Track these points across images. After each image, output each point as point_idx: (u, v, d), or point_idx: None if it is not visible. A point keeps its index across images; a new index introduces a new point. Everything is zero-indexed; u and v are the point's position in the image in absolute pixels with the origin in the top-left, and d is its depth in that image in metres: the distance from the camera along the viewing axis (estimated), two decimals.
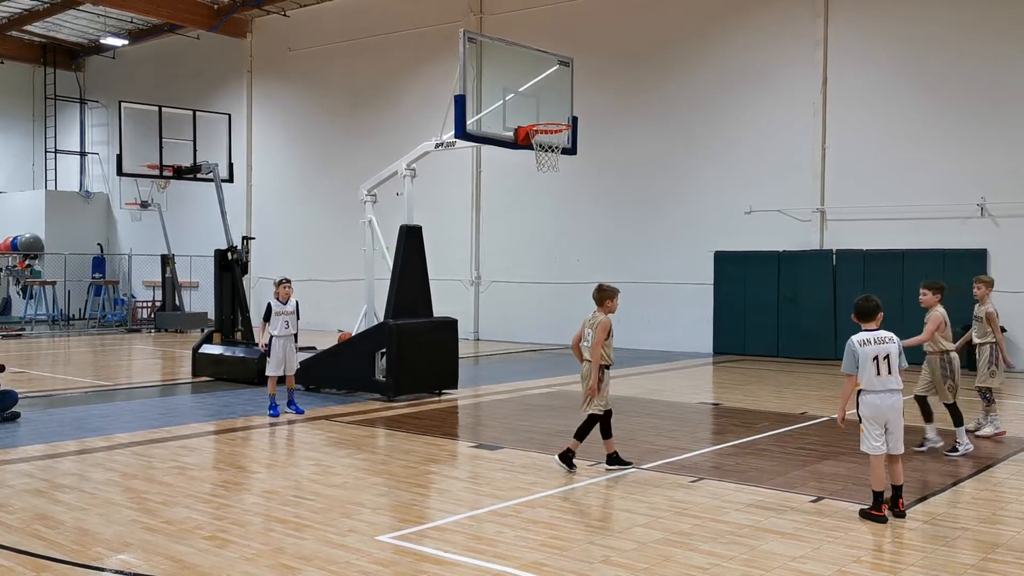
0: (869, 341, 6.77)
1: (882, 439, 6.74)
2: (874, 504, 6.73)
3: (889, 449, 6.75)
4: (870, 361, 6.70)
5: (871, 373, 6.70)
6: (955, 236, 17.77)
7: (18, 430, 10.45)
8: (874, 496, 6.75)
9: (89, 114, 35.30)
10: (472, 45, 12.45)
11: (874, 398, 6.73)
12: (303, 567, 5.63)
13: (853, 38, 19.09)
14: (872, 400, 6.74)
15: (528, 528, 6.49)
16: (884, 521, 6.63)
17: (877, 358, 6.69)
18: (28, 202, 33.63)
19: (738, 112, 20.44)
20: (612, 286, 8.27)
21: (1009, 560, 5.85)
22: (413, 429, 10.66)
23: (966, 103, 17.79)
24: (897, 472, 6.81)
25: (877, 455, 6.75)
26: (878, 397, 6.72)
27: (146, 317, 29.29)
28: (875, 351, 6.71)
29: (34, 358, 19.71)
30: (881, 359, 6.69)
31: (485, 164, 24.23)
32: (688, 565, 5.69)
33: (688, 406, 12.70)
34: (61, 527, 6.47)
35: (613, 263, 21.90)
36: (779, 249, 19.70)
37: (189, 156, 17.50)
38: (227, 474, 8.35)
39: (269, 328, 11.49)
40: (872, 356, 6.70)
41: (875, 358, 6.70)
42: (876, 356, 6.70)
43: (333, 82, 27.72)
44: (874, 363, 6.70)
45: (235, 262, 16.15)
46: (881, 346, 6.73)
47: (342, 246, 25.70)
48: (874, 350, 6.72)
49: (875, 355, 6.70)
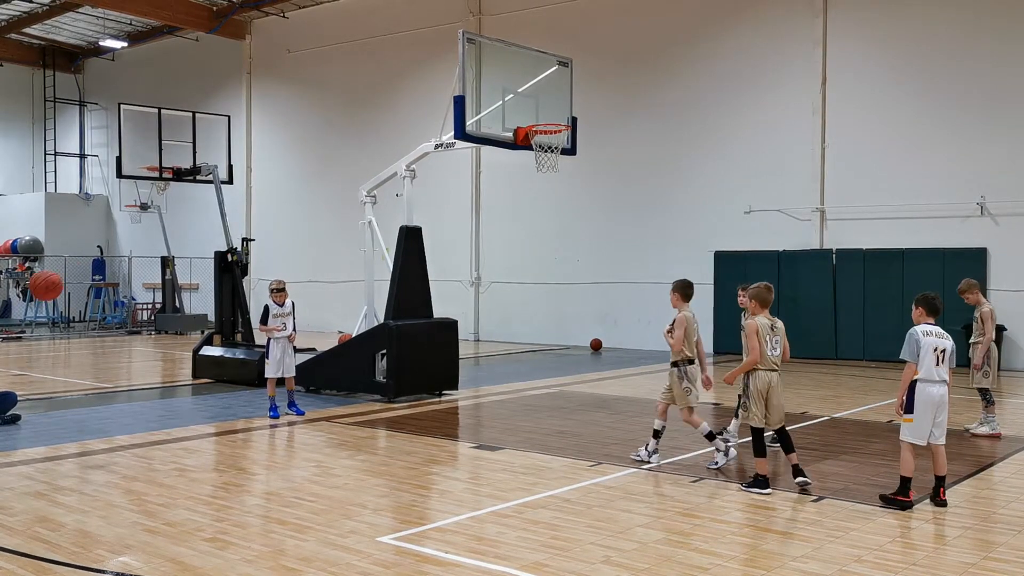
0: (931, 333, 7.11)
1: (929, 428, 7.01)
2: (900, 490, 6.99)
3: (934, 439, 7.02)
4: (931, 351, 7.02)
5: (931, 363, 7.01)
6: (955, 235, 17.76)
7: (19, 432, 10.44)
8: (902, 481, 7.00)
9: (88, 116, 35.31)
10: (471, 46, 12.45)
11: (931, 388, 7.00)
12: (304, 568, 5.63)
13: (852, 37, 19.10)
14: (929, 389, 7.01)
15: (529, 529, 6.49)
16: (909, 507, 6.89)
17: (936, 349, 7.03)
18: (28, 204, 33.63)
19: (737, 112, 20.44)
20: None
21: (1010, 559, 5.85)
22: (414, 430, 10.66)
23: (966, 101, 17.79)
24: (940, 463, 7.08)
25: (914, 443, 7.01)
26: (935, 387, 7.00)
27: (146, 319, 29.32)
28: (936, 343, 7.04)
29: (34, 361, 19.71)
30: (939, 351, 7.03)
31: (485, 165, 24.23)
32: (689, 565, 5.69)
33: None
34: (62, 529, 6.47)
35: (613, 263, 21.91)
36: (779, 249, 19.70)
37: (188, 158, 17.49)
38: (228, 476, 8.35)
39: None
40: (933, 347, 7.03)
41: (935, 349, 7.03)
42: (936, 348, 7.03)
43: (332, 83, 27.73)
44: (934, 353, 7.03)
45: (235, 264, 16.15)
46: (941, 339, 7.08)
47: (342, 247, 25.70)
48: (935, 342, 7.05)
49: (935, 347, 7.03)
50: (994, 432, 10.07)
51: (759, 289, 7.68)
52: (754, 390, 7.50)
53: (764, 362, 7.51)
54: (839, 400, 13.21)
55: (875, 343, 18.23)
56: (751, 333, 7.50)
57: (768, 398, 7.51)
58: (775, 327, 7.60)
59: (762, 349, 7.47)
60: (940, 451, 7.08)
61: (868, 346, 18.35)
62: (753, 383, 7.52)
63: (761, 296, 7.61)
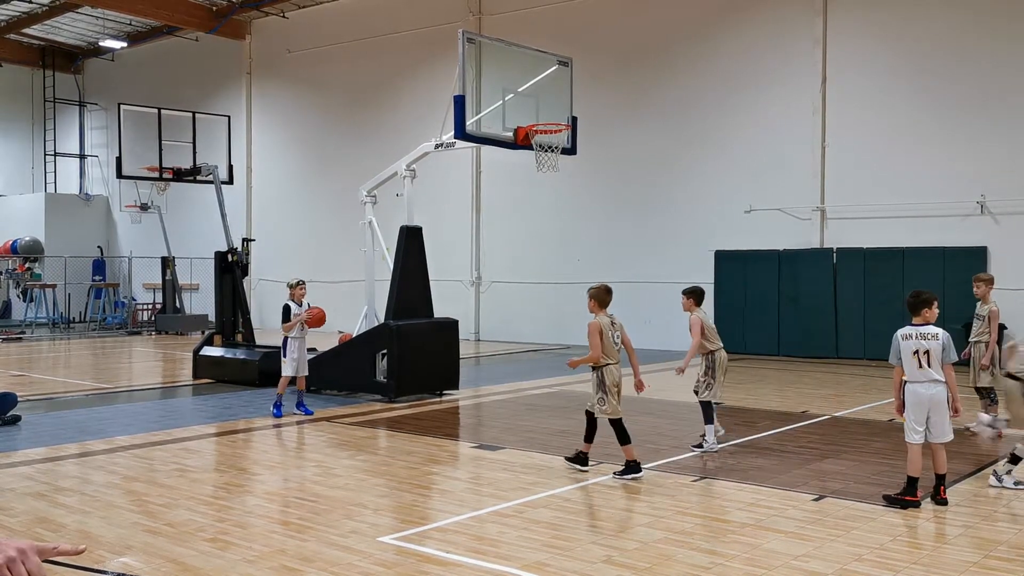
0: (911, 336, 7.09)
1: (922, 428, 7.01)
2: (907, 490, 7.02)
3: (930, 438, 7.03)
4: (910, 354, 7.03)
5: (912, 365, 7.03)
6: (955, 234, 17.76)
7: (19, 433, 10.44)
8: (908, 481, 7.03)
9: (88, 117, 35.30)
10: (471, 46, 12.45)
11: (918, 388, 7.04)
12: (305, 568, 5.63)
13: (852, 36, 19.09)
14: (915, 389, 7.05)
15: (530, 528, 6.49)
16: (917, 506, 6.91)
17: (917, 352, 7.00)
18: (28, 205, 33.62)
19: (737, 111, 20.44)
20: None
21: (1011, 557, 5.85)
22: (414, 430, 10.66)
23: (966, 100, 17.78)
24: (940, 461, 7.09)
25: (915, 443, 7.04)
26: (921, 387, 7.02)
27: (146, 320, 29.31)
28: (915, 345, 7.02)
29: (35, 361, 19.71)
30: (921, 353, 6.99)
31: (485, 164, 24.23)
32: (690, 564, 5.68)
33: (689, 405, 12.64)
34: (63, 530, 6.47)
35: (613, 263, 21.90)
36: (779, 248, 19.69)
37: (189, 158, 17.48)
38: (228, 476, 8.35)
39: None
40: (912, 350, 7.02)
41: (915, 352, 7.01)
42: (916, 350, 7.01)
43: (332, 83, 27.72)
44: (914, 356, 7.02)
45: (235, 264, 16.15)
46: (922, 341, 7.02)
47: (342, 247, 25.69)
48: (914, 344, 7.03)
49: (915, 349, 7.01)
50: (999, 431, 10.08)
51: (598, 290, 8.07)
52: (609, 384, 7.85)
53: (612, 357, 7.91)
54: (840, 399, 13.21)
55: (876, 342, 18.17)
56: (592, 332, 7.86)
57: (621, 390, 7.91)
58: (615, 323, 8.00)
59: (605, 345, 7.82)
60: (940, 450, 7.08)
61: (869, 345, 18.34)
62: (608, 378, 7.86)
63: (600, 297, 8.02)
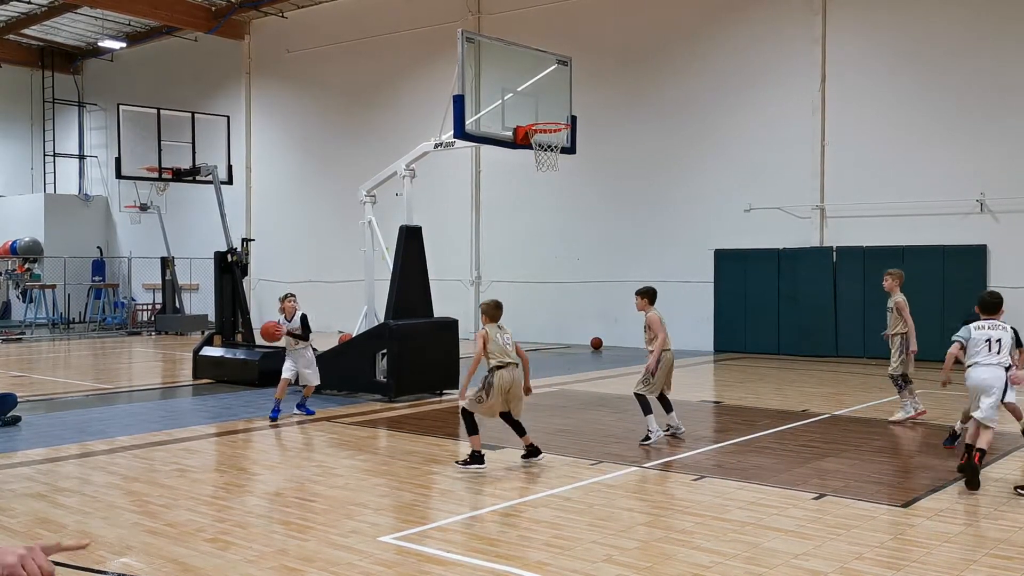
0: (983, 327, 7.82)
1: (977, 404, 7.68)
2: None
3: (972, 411, 7.76)
4: (983, 341, 7.72)
5: (984, 349, 7.70)
6: (955, 232, 17.75)
7: (19, 434, 10.44)
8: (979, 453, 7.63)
9: (88, 117, 35.29)
10: (470, 45, 12.44)
11: (981, 371, 7.68)
12: (305, 568, 5.63)
13: (852, 35, 19.09)
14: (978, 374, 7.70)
15: (531, 528, 6.49)
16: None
17: (990, 340, 7.73)
18: (27, 206, 33.60)
19: (737, 110, 20.43)
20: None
21: (1011, 556, 5.84)
22: (414, 430, 10.66)
23: (965, 99, 17.78)
24: (985, 439, 7.65)
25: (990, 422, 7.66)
26: (986, 370, 7.66)
27: (146, 320, 29.31)
28: (989, 334, 7.76)
29: (34, 362, 19.71)
30: (994, 341, 7.72)
31: (484, 164, 24.22)
32: (691, 563, 5.68)
33: (689, 404, 12.67)
34: (63, 531, 6.46)
35: (613, 262, 21.90)
36: (779, 247, 19.69)
37: (188, 158, 17.47)
38: (229, 476, 8.34)
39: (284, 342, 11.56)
40: (986, 338, 7.74)
41: (987, 340, 7.73)
42: (989, 339, 7.73)
43: (332, 83, 27.71)
44: (986, 344, 7.72)
45: (235, 264, 16.15)
46: (994, 331, 7.76)
47: (342, 247, 25.68)
48: (988, 333, 7.77)
49: (988, 337, 7.74)
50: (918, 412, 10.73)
51: (488, 306, 8.74)
52: (497, 387, 8.27)
53: (502, 360, 8.36)
54: (840, 398, 13.21)
55: (876, 340, 18.10)
56: (478, 338, 8.47)
57: (510, 391, 8.33)
58: (502, 330, 8.56)
59: (488, 351, 8.33)
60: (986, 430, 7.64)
61: (869, 343, 18.31)
62: (497, 381, 8.30)
63: (490, 312, 8.67)
